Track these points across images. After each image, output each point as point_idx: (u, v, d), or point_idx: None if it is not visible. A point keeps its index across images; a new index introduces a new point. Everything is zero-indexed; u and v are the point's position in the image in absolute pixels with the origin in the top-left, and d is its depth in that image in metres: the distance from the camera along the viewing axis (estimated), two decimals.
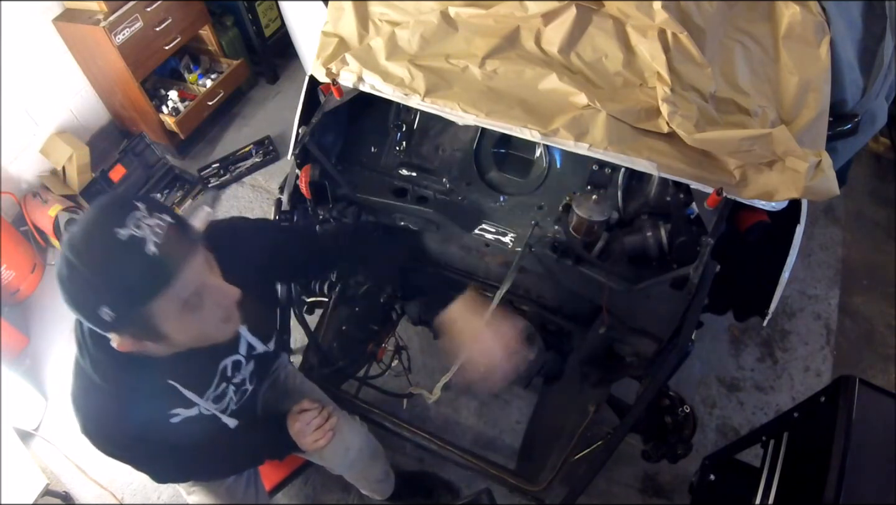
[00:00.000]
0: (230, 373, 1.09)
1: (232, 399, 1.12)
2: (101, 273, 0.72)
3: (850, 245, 2.38)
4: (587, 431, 1.41)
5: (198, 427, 1.06)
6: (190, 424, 1.04)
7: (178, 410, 1.01)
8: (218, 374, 1.06)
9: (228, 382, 1.09)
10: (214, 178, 2.84)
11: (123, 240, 0.71)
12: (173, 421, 1.01)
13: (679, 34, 1.27)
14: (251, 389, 1.18)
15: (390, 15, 1.51)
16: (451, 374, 1.39)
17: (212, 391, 1.05)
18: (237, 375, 1.11)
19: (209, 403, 1.05)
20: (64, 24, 2.52)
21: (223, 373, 1.07)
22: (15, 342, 2.30)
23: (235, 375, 1.10)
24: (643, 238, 1.32)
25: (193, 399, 1.01)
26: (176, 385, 0.98)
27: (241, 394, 1.15)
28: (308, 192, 1.48)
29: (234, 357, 1.08)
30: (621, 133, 1.24)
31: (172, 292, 0.76)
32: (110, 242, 0.71)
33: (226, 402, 1.11)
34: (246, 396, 1.17)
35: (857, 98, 1.43)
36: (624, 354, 1.48)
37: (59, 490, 1.93)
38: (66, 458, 2.02)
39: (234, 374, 1.10)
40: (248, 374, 1.14)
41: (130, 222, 0.72)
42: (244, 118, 3.20)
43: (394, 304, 1.85)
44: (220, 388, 1.07)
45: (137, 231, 0.72)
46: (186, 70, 3.04)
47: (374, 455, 1.48)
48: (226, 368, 1.07)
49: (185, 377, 0.99)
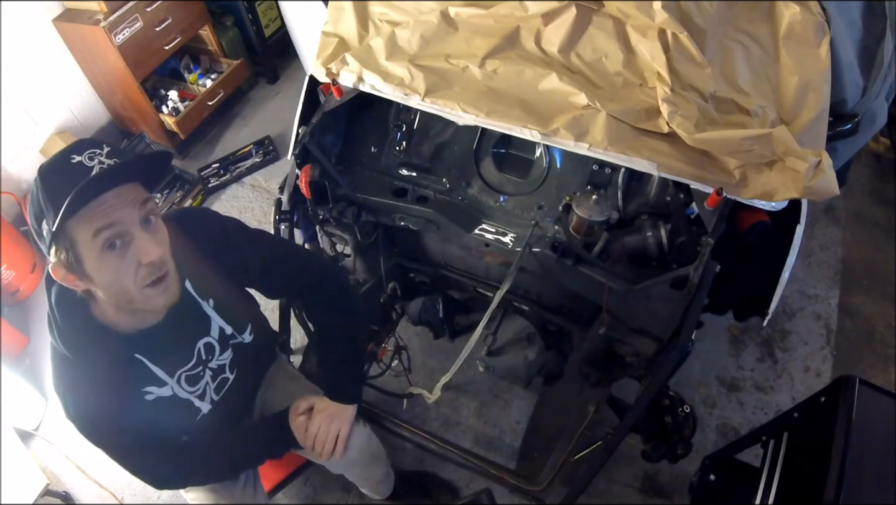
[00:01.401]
0: (205, 356, 1.11)
1: (209, 384, 1.13)
2: (48, 187, 0.83)
3: (850, 245, 2.38)
4: (587, 431, 1.41)
5: (177, 409, 1.08)
6: (167, 407, 1.06)
7: (150, 387, 1.03)
8: (194, 355, 1.09)
9: (205, 366, 1.11)
10: (214, 178, 2.84)
11: (73, 163, 0.83)
12: (147, 399, 1.03)
13: (679, 34, 1.26)
14: (232, 378, 1.18)
15: (390, 15, 1.51)
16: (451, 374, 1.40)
17: (185, 370, 1.07)
18: (213, 360, 1.13)
19: (182, 383, 1.07)
20: (64, 24, 2.52)
21: (199, 355, 1.10)
22: (15, 342, 2.30)
23: (210, 358, 1.12)
24: (643, 238, 1.32)
25: (162, 376, 1.04)
26: (143, 360, 1.01)
27: (222, 382, 1.16)
28: (308, 192, 1.48)
29: (206, 339, 1.11)
30: (621, 133, 1.24)
31: (87, 214, 0.83)
32: (63, 164, 0.84)
33: (201, 386, 1.12)
34: (227, 385, 1.18)
35: (857, 98, 1.43)
36: (624, 354, 1.48)
37: (59, 490, 1.93)
38: (66, 458, 2.02)
39: (209, 357, 1.12)
40: (226, 361, 1.15)
41: (86, 154, 0.84)
42: (244, 118, 3.20)
43: (394, 304, 1.85)
44: (196, 369, 1.10)
45: (88, 161, 0.84)
46: (186, 70, 3.04)
47: (375, 455, 1.47)
48: (200, 350, 1.10)
49: (151, 353, 1.01)
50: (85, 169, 0.83)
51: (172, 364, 1.06)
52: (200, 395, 1.12)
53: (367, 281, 1.76)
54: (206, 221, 1.14)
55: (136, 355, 1.00)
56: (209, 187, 2.81)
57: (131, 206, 0.87)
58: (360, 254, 1.72)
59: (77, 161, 0.83)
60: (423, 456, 1.85)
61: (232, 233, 1.15)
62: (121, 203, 0.86)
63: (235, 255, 1.13)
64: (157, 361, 1.03)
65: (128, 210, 0.87)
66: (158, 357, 1.03)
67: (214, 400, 1.16)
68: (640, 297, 1.29)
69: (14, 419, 2.01)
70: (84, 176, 0.82)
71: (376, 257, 1.72)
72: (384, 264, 1.73)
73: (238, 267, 1.14)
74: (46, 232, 0.84)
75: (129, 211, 0.87)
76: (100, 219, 0.84)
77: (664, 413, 1.39)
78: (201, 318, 1.10)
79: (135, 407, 1.01)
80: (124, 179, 0.87)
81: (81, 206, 0.82)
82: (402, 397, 1.68)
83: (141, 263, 0.89)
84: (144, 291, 0.91)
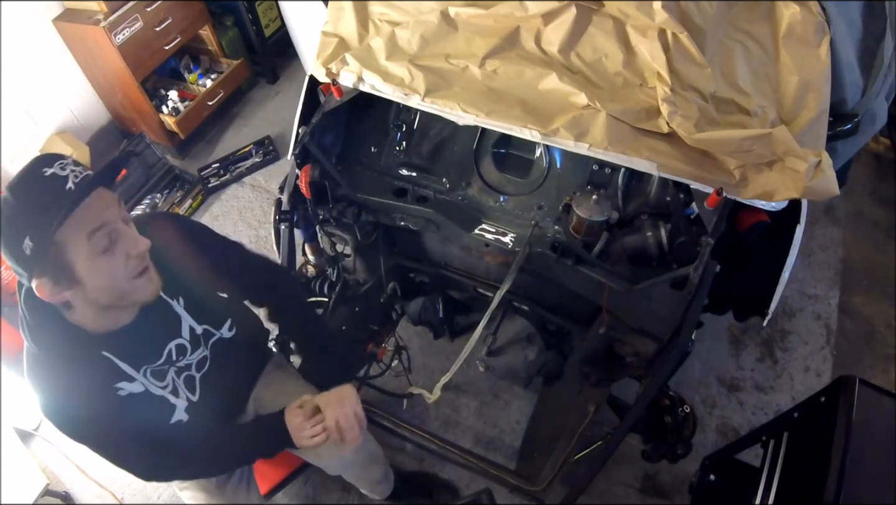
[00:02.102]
0: (175, 356, 1.12)
1: (175, 380, 1.14)
2: (24, 203, 0.84)
3: (850, 245, 2.38)
4: (587, 431, 1.42)
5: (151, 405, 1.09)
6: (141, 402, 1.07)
7: (121, 383, 1.04)
8: (163, 356, 1.10)
9: (172, 364, 1.13)
10: (214, 178, 2.84)
11: (47, 175, 0.84)
12: (120, 394, 1.04)
13: (679, 34, 1.27)
14: (199, 376, 1.18)
15: (390, 15, 1.51)
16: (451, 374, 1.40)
17: (152, 367, 1.09)
18: (182, 360, 1.14)
19: (149, 377, 1.08)
20: (64, 24, 2.52)
21: (168, 355, 1.11)
22: (15, 342, 2.30)
23: (181, 358, 1.13)
24: (643, 238, 1.32)
25: (130, 372, 1.05)
26: (111, 357, 1.02)
27: (188, 379, 1.17)
28: (308, 192, 1.48)
29: (178, 340, 1.12)
30: (621, 133, 1.24)
31: (78, 220, 0.85)
32: (36, 178, 0.84)
33: (168, 381, 1.12)
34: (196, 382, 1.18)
35: (857, 98, 1.43)
36: (624, 354, 1.48)
37: (59, 490, 1.93)
38: (66, 458, 2.02)
39: (180, 357, 1.13)
40: (195, 360, 1.16)
41: (56, 165, 0.85)
42: (244, 118, 3.20)
43: (394, 304, 1.85)
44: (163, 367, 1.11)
45: (61, 171, 0.85)
46: (186, 70, 3.04)
47: (372, 457, 1.47)
48: (171, 350, 1.11)
49: (120, 351, 1.03)
50: (60, 178, 0.84)
51: (139, 361, 1.07)
52: (172, 391, 1.13)
53: (367, 281, 1.76)
54: (176, 224, 1.18)
55: (103, 353, 1.01)
56: (209, 187, 2.81)
57: (112, 206, 0.91)
58: (360, 254, 1.72)
59: (50, 173, 0.84)
60: (423, 456, 1.85)
61: (199, 235, 1.21)
62: (104, 204, 0.90)
63: (203, 255, 1.16)
64: (124, 359, 1.04)
65: (110, 210, 0.91)
66: (127, 355, 1.04)
67: (192, 398, 1.16)
68: (640, 297, 1.29)
69: (14, 419, 2.01)
70: (61, 185, 0.84)
71: (376, 257, 1.72)
72: (384, 264, 1.73)
73: (207, 267, 1.17)
74: (31, 248, 0.84)
75: (112, 210, 0.91)
76: (91, 221, 0.87)
77: (664, 413, 1.39)
78: (171, 316, 1.12)
79: (107, 402, 1.02)
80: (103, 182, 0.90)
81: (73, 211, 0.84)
82: (402, 397, 1.68)
83: (130, 256, 0.93)
84: (134, 283, 0.95)
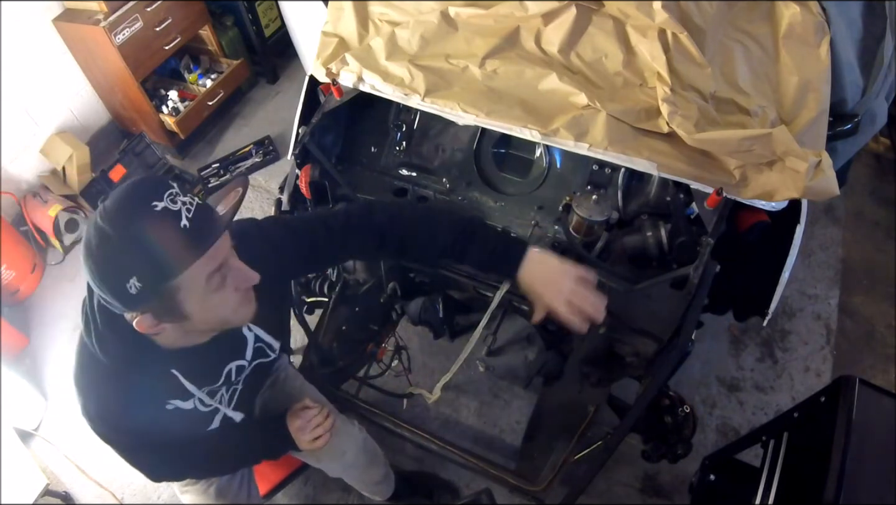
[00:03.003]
0: (234, 377, 1.11)
1: (224, 396, 1.13)
2: (135, 243, 0.74)
3: (850, 245, 2.38)
4: (587, 431, 1.42)
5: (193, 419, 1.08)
6: (183, 417, 1.05)
7: (175, 400, 1.02)
8: (223, 376, 1.08)
9: (228, 386, 1.11)
10: (214, 178, 2.84)
11: (159, 211, 0.74)
12: (168, 408, 1.02)
13: (679, 34, 1.27)
14: (241, 389, 1.18)
15: (390, 15, 1.51)
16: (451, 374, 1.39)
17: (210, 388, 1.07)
18: (238, 379, 1.13)
19: (202, 397, 1.07)
20: (64, 24, 2.52)
21: (227, 376, 1.09)
22: (15, 342, 2.30)
23: (237, 379, 1.12)
24: (643, 238, 1.32)
25: (192, 390, 1.02)
26: (177, 374, 0.99)
27: (233, 393, 1.16)
28: (308, 192, 1.48)
29: (239, 361, 1.10)
30: (621, 133, 1.24)
31: (201, 265, 0.78)
32: (147, 213, 0.74)
33: (217, 398, 1.12)
34: (236, 395, 1.18)
35: (857, 98, 1.43)
36: (624, 354, 1.48)
37: (59, 490, 1.93)
38: (66, 458, 2.02)
39: (237, 378, 1.12)
40: (244, 376, 1.15)
41: (166, 197, 0.75)
42: (244, 118, 3.19)
43: (394, 304, 1.85)
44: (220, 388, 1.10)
45: (172, 205, 0.75)
46: (186, 70, 3.04)
47: (371, 459, 1.47)
48: (231, 371, 1.09)
49: (186, 370, 1.00)
50: (173, 214, 0.75)
51: (201, 381, 1.05)
52: (214, 409, 1.12)
53: (367, 281, 1.76)
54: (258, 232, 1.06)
55: (171, 371, 0.98)
56: (209, 187, 2.81)
57: (227, 241, 0.84)
58: None
59: (162, 207, 0.75)
60: (423, 456, 1.85)
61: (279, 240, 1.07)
62: (223, 242, 0.82)
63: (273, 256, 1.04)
64: (189, 377, 1.01)
65: (226, 244, 0.84)
66: (192, 374, 1.01)
67: (228, 410, 1.16)
68: (641, 297, 1.29)
69: (14, 419, 2.01)
70: (176, 223, 0.75)
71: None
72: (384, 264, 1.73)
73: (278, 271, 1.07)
74: (137, 289, 0.75)
75: (227, 244, 0.84)
76: (213, 263, 0.81)
77: (664, 413, 1.39)
78: (239, 339, 1.09)
79: (155, 415, 1.00)
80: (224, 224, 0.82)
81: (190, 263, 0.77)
82: (402, 397, 1.68)
83: (238, 290, 0.87)
84: (238, 311, 0.90)
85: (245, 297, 0.90)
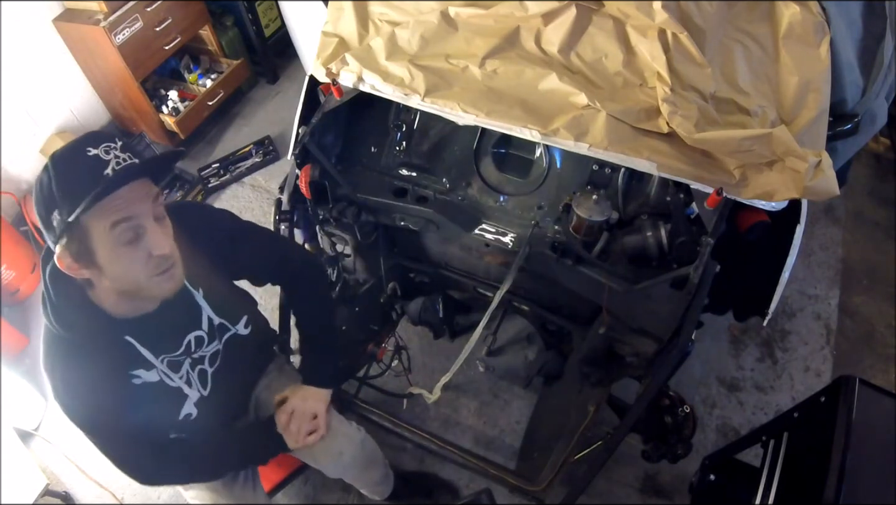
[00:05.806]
0: (193, 347, 1.13)
1: (189, 372, 1.14)
2: (61, 179, 0.84)
3: (850, 245, 2.38)
4: (587, 431, 1.41)
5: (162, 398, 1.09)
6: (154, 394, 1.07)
7: (138, 370, 1.04)
8: (182, 345, 1.11)
9: (188, 355, 1.13)
10: (214, 178, 2.84)
11: (90, 156, 0.84)
12: (135, 382, 1.04)
13: (679, 34, 1.27)
14: (211, 370, 1.18)
15: (390, 15, 1.51)
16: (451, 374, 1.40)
17: (169, 356, 1.09)
18: (198, 351, 1.14)
19: (165, 367, 1.08)
20: (64, 24, 2.52)
21: (187, 346, 1.12)
22: (15, 342, 2.30)
23: (197, 350, 1.14)
24: (643, 238, 1.32)
25: (150, 358, 1.05)
26: (133, 342, 1.02)
27: (201, 373, 1.16)
28: (308, 192, 1.48)
29: (197, 332, 1.13)
30: (621, 133, 1.24)
31: (104, 208, 0.84)
32: (78, 156, 0.85)
33: (183, 372, 1.13)
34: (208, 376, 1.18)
35: (857, 98, 1.43)
36: (624, 354, 1.48)
37: (59, 490, 1.92)
38: (66, 458, 2.02)
39: (197, 348, 1.14)
40: (208, 353, 1.16)
41: (102, 148, 0.85)
42: (244, 118, 3.20)
43: (394, 304, 1.85)
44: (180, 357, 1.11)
45: (105, 155, 0.85)
46: (186, 70, 3.04)
47: (370, 460, 1.47)
48: (190, 342, 1.12)
49: (142, 337, 1.03)
50: (101, 162, 0.84)
51: (159, 349, 1.08)
52: (186, 382, 1.13)
53: (367, 281, 1.76)
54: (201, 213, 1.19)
55: (126, 337, 1.02)
56: (209, 187, 2.81)
57: (145, 201, 0.90)
58: (360, 254, 1.72)
59: (93, 154, 0.84)
60: (423, 456, 1.85)
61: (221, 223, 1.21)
62: (135, 197, 0.88)
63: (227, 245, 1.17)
64: (145, 345, 1.04)
65: (142, 204, 0.89)
66: (148, 342, 1.05)
67: (203, 392, 1.16)
68: (640, 297, 1.29)
69: (14, 419, 2.01)
70: (100, 169, 0.84)
71: (376, 257, 1.72)
72: (384, 264, 1.73)
73: (228, 257, 1.18)
74: (57, 222, 0.85)
75: (143, 205, 0.90)
76: (117, 212, 0.86)
77: (664, 413, 1.39)
78: (192, 307, 1.12)
79: (122, 389, 1.02)
80: (141, 175, 0.89)
81: (101, 200, 0.83)
82: (402, 397, 1.68)
83: (152, 255, 0.91)
84: (153, 280, 0.94)
85: (163, 266, 0.94)
